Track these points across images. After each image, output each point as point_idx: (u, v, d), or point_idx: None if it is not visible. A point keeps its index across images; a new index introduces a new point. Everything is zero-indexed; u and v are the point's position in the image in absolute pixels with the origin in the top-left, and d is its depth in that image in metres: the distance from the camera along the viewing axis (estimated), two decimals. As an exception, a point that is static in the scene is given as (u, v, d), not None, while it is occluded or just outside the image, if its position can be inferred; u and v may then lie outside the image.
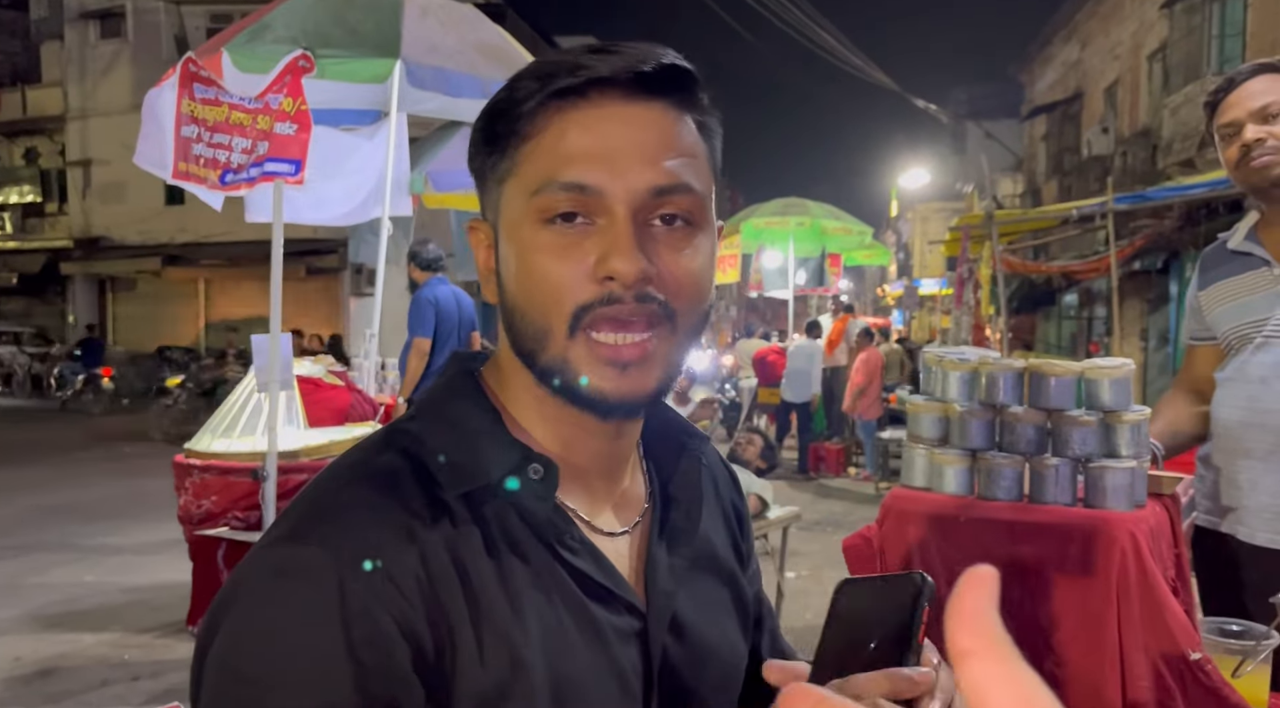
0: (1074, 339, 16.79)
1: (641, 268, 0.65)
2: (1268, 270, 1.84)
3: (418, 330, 5.23)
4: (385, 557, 0.61)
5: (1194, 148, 11.36)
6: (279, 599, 0.60)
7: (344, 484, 0.67)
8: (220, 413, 3.63)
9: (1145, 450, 1.39)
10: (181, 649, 4.18)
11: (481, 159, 0.72)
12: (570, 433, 0.73)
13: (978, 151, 21.83)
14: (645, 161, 0.66)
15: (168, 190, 18.63)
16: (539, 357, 0.68)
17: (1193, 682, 1.22)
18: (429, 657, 0.61)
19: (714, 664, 0.78)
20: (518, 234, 0.68)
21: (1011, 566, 1.37)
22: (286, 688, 0.57)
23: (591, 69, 0.66)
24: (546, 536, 0.69)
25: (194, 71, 3.76)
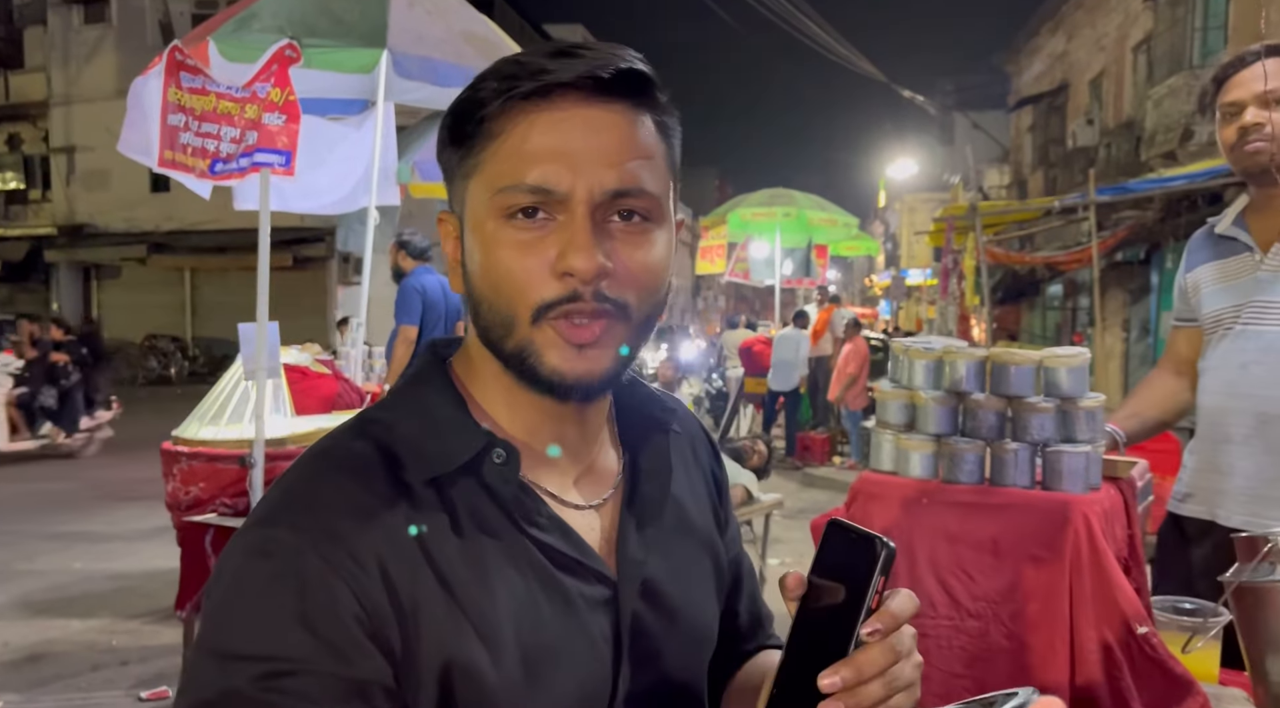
0: (1059, 330, 16.92)
1: (598, 264, 0.69)
2: (1250, 256, 1.86)
3: (404, 319, 5.26)
4: (348, 536, 0.66)
5: (1176, 140, 11.47)
6: (247, 576, 0.65)
7: (316, 471, 0.71)
8: (208, 400, 3.66)
9: (1100, 435, 1.45)
10: (169, 635, 4.22)
11: (448, 155, 0.76)
12: (535, 418, 0.77)
13: (965, 142, 21.93)
14: (605, 163, 0.70)
15: (153, 178, 18.51)
16: (505, 343, 0.73)
17: (1139, 654, 1.28)
18: (389, 628, 0.66)
19: (685, 627, 0.82)
20: (482, 228, 0.72)
21: (972, 545, 1.43)
22: (243, 656, 0.62)
23: (553, 73, 0.69)
24: (514, 514, 0.73)
25: (180, 60, 3.77)
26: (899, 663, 0.66)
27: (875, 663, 0.64)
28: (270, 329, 3.27)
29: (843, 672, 0.63)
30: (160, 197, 19.77)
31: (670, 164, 0.76)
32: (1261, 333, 1.81)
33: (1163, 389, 2.06)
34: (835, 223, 12.05)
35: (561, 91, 0.70)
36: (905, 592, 0.68)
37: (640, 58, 0.73)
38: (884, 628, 0.65)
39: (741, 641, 0.97)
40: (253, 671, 0.62)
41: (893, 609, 0.66)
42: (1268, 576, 1.39)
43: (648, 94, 0.73)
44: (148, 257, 20.51)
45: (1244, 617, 1.40)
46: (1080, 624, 1.31)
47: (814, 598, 0.69)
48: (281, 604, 0.63)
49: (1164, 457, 3.99)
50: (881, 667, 0.65)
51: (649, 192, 0.72)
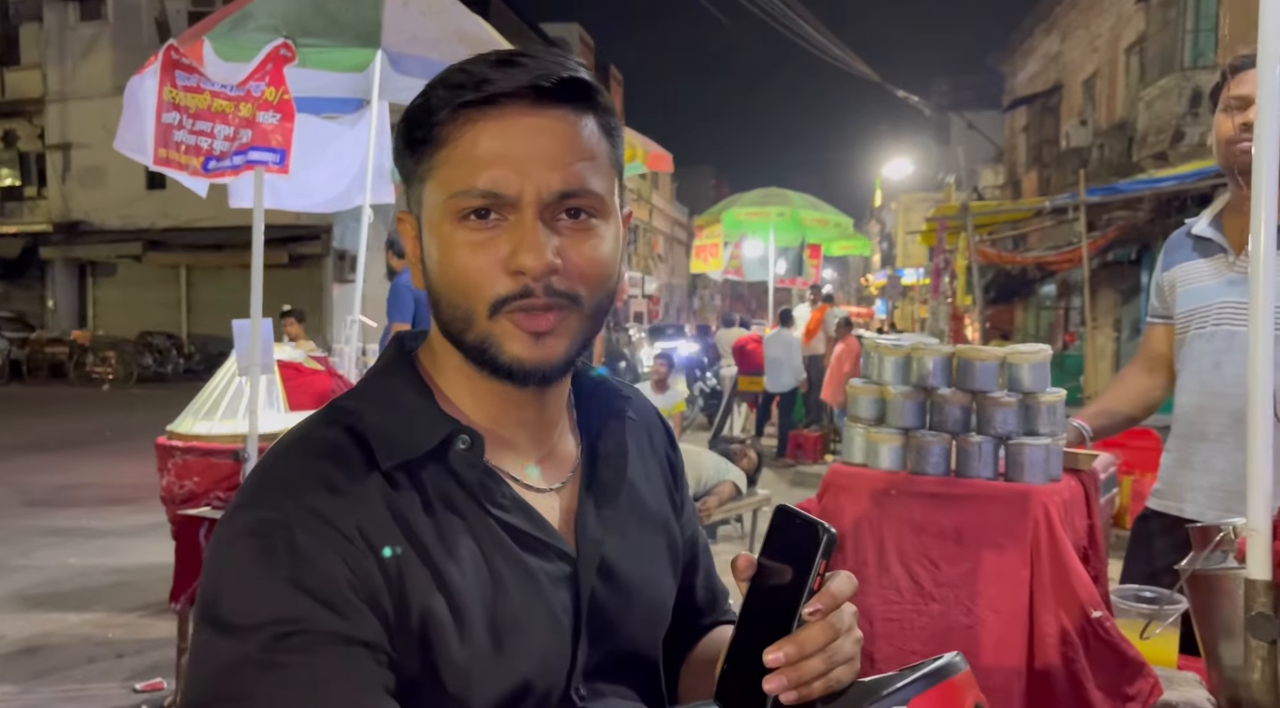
0: (1052, 329, 17.01)
1: (548, 262, 0.74)
2: (1224, 257, 1.90)
3: (396, 317, 5.30)
4: (331, 513, 0.71)
5: (1167, 141, 11.54)
6: (238, 555, 0.70)
7: (292, 457, 0.76)
8: (202, 396, 3.70)
9: (1060, 429, 1.51)
10: (164, 628, 4.26)
11: (404, 159, 0.80)
12: (496, 405, 0.82)
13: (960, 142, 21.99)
14: (550, 167, 0.74)
15: (149, 175, 18.50)
16: (465, 335, 0.77)
17: (1094, 638, 1.34)
18: (381, 594, 0.71)
19: (640, 603, 0.87)
20: (438, 229, 0.77)
21: (938, 534, 1.49)
22: (246, 625, 0.66)
23: (497, 83, 0.74)
24: (479, 496, 0.78)
25: (176, 59, 3.80)
26: (839, 639, 0.71)
27: (816, 640, 0.70)
28: (264, 326, 3.31)
29: (786, 648, 0.69)
30: (156, 194, 19.78)
31: (614, 162, 0.81)
32: (1233, 333, 1.86)
33: (1134, 386, 2.12)
34: (828, 223, 12.10)
35: (507, 100, 0.74)
36: (845, 574, 0.74)
37: (582, 63, 0.78)
38: (824, 608, 0.70)
39: (698, 615, 1.02)
40: (259, 637, 0.65)
41: (832, 590, 0.71)
42: (1220, 564, 1.44)
43: (588, 98, 0.78)
44: (143, 254, 20.52)
45: (1198, 603, 1.46)
46: (1038, 609, 1.36)
47: (762, 579, 0.74)
48: (277, 574, 0.68)
49: (1145, 454, 4.06)
50: (821, 643, 0.70)
51: (593, 191, 0.77)
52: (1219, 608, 1.42)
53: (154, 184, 19.50)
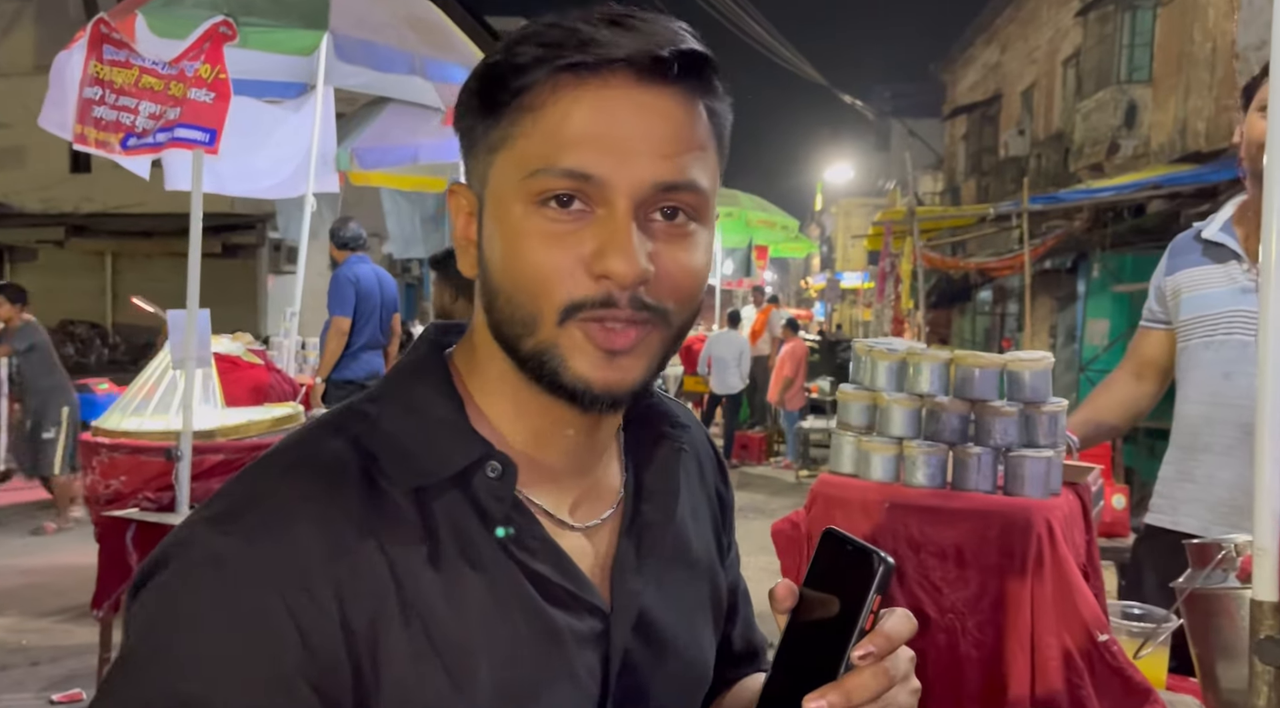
0: (988, 334, 17.35)
1: (641, 269, 0.62)
2: (1236, 264, 1.85)
3: (337, 310, 5.13)
4: (308, 565, 0.59)
5: (1103, 153, 11.83)
6: (191, 586, 0.59)
7: (286, 471, 0.64)
8: (131, 390, 3.49)
9: (1061, 441, 1.45)
10: (84, 635, 4.03)
11: (472, 121, 0.68)
12: (543, 426, 0.70)
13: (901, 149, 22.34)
14: (654, 154, 0.63)
15: (73, 157, 17.77)
16: (524, 342, 0.65)
17: (1099, 662, 1.28)
18: (340, 675, 0.59)
19: (678, 664, 0.76)
20: (507, 212, 0.64)
21: (934, 551, 1.42)
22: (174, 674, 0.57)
23: (605, 48, 0.62)
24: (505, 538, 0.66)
25: (105, 33, 3.60)
26: (892, 689, 0.62)
27: (866, 688, 0.60)
28: (201, 316, 3.13)
29: (830, 696, 0.59)
30: (80, 177, 19.00)
31: (721, 157, 0.69)
32: (1246, 343, 1.80)
33: (1121, 394, 2.06)
34: (775, 225, 12.16)
35: (612, 68, 0.62)
36: (902, 611, 0.64)
37: (697, 36, 0.65)
38: (878, 651, 0.61)
39: (733, 667, 0.91)
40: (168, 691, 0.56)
41: (887, 631, 0.61)
42: (1220, 583, 1.40)
43: (705, 79, 0.66)
44: (66, 239, 19.70)
45: (1196, 623, 1.41)
46: (1041, 632, 1.30)
47: (805, 612, 0.64)
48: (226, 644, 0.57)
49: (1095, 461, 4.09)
50: (873, 692, 0.60)
51: (700, 188, 0.65)
52: (1219, 629, 1.38)
53: (78, 167, 18.74)
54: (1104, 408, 2.02)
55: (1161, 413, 2.13)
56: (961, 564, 1.39)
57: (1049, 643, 1.29)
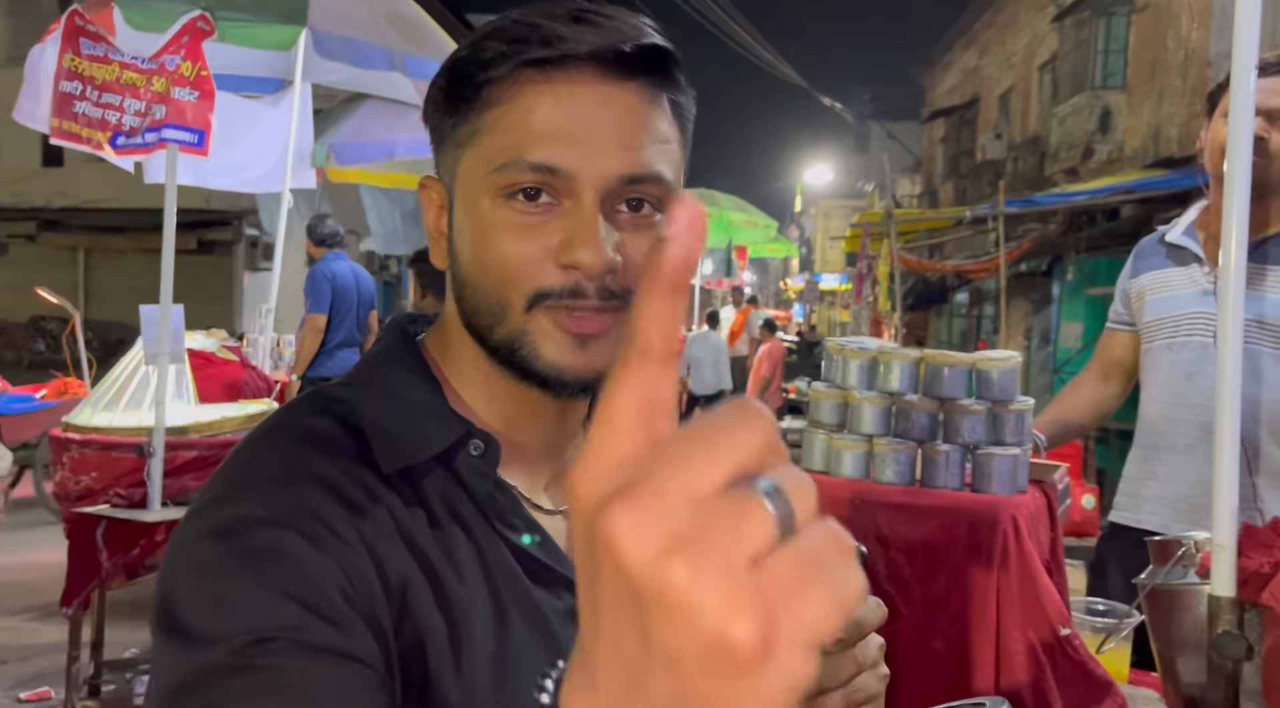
0: (964, 336, 17.50)
1: (607, 259, 0.63)
2: (1198, 267, 1.88)
3: (313, 307, 5.11)
4: (325, 511, 0.60)
5: (1078, 157, 11.97)
6: (207, 557, 0.58)
7: (278, 446, 0.65)
8: (103, 386, 3.46)
9: (1028, 439, 1.48)
10: (52, 633, 3.98)
11: (440, 117, 0.69)
12: (515, 410, 0.71)
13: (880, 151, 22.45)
14: (619, 146, 0.64)
15: (45, 151, 17.52)
16: (494, 331, 0.67)
17: (1062, 656, 1.30)
18: (379, 608, 0.60)
19: None
20: (476, 205, 0.66)
21: (903, 546, 1.44)
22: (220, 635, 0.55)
23: (569, 43, 0.63)
24: (489, 513, 0.67)
25: (80, 25, 3.57)
26: (862, 674, 0.64)
27: (834, 675, 0.62)
28: (175, 312, 3.11)
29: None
30: (53, 171, 18.75)
31: (685, 149, 0.71)
32: (1206, 344, 1.83)
33: (1088, 394, 2.10)
34: (755, 225, 12.20)
35: (576, 63, 0.64)
36: (873, 600, 0.65)
37: (660, 30, 0.67)
38: (847, 638, 0.62)
39: None
40: (231, 644, 0.54)
41: (857, 619, 0.63)
42: (1181, 579, 1.43)
43: (668, 72, 0.68)
44: (38, 234, 19.45)
45: (1157, 619, 1.44)
46: (1006, 626, 1.32)
47: None
48: (258, 579, 0.57)
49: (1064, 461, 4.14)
50: (841, 678, 0.62)
51: (664, 179, 0.66)
52: (1179, 624, 1.41)
53: (50, 160, 18.48)
54: (1071, 407, 2.05)
55: (1131, 414, 2.16)
56: (930, 560, 1.41)
57: (1014, 637, 1.31)
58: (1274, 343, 1.78)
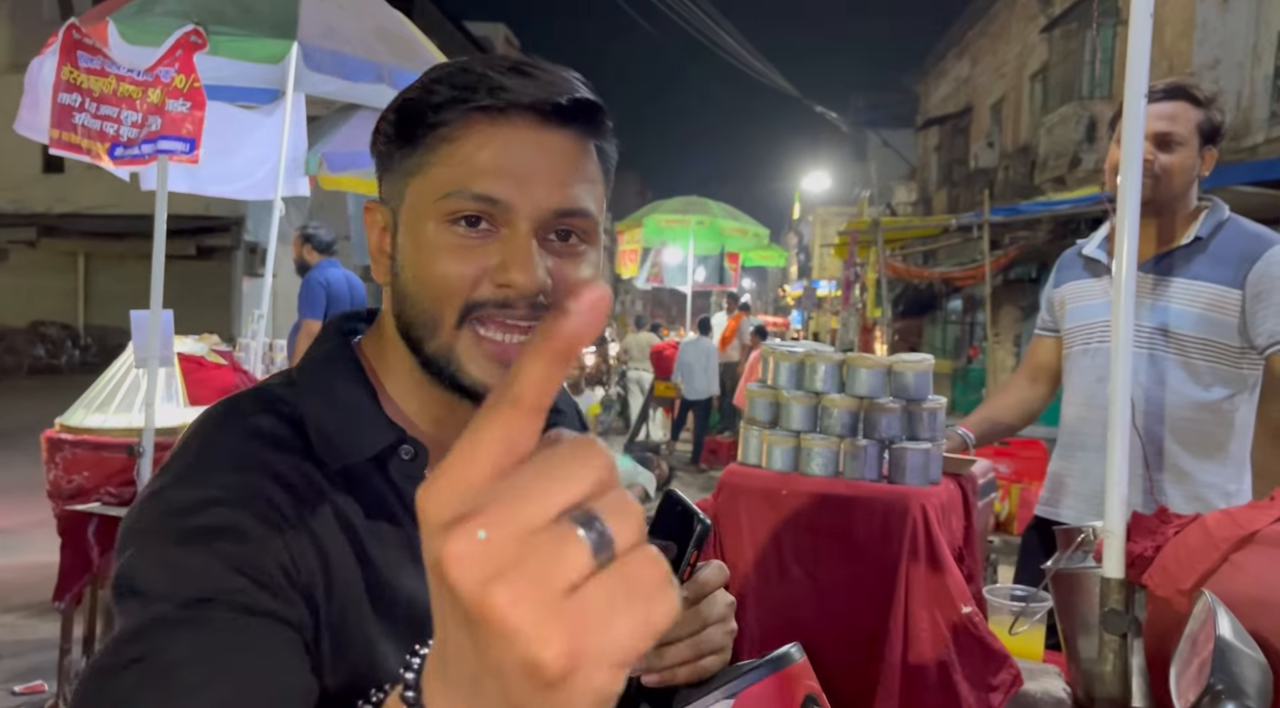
0: (958, 343, 17.60)
1: (539, 280, 0.71)
2: (1109, 278, 1.97)
3: (308, 313, 5.22)
4: (274, 496, 0.68)
5: (1066, 166, 12.10)
6: (164, 532, 0.65)
7: (230, 438, 0.71)
8: (95, 388, 3.57)
9: (940, 434, 1.59)
10: (46, 629, 4.09)
11: (389, 148, 0.76)
12: (443, 413, 0.78)
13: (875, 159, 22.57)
14: (553, 184, 0.72)
15: (45, 158, 17.64)
16: (426, 344, 0.74)
17: (963, 633, 1.42)
18: (315, 588, 0.68)
19: None
20: (421, 228, 0.73)
21: (825, 533, 1.56)
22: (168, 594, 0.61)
23: (512, 93, 0.71)
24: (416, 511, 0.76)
25: (78, 39, 3.68)
26: (708, 628, 0.72)
27: (679, 626, 0.71)
28: (164, 317, 3.22)
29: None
30: (53, 178, 18.87)
31: (607, 190, 0.80)
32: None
33: (1016, 396, 2.23)
34: (746, 233, 12.28)
35: (519, 111, 0.72)
36: (716, 563, 0.75)
37: (589, 85, 0.76)
38: (690, 596, 0.71)
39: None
40: (179, 598, 0.61)
41: (700, 578, 0.72)
42: (1081, 563, 1.55)
43: (596, 122, 0.76)
44: (38, 240, 19.56)
45: (1061, 600, 1.56)
46: (913, 604, 1.44)
47: None
48: (210, 552, 0.63)
49: (1033, 463, 4.25)
50: (685, 631, 0.71)
51: (590, 213, 0.75)
52: (1078, 605, 1.52)
53: (50, 167, 18.61)
54: (1000, 408, 2.17)
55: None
56: (850, 545, 1.52)
57: (920, 616, 1.43)
58: (1178, 350, 1.90)
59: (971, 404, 11.29)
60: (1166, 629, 1.25)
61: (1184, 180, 1.92)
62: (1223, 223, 1.95)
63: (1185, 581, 1.26)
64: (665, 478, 5.59)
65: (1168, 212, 1.93)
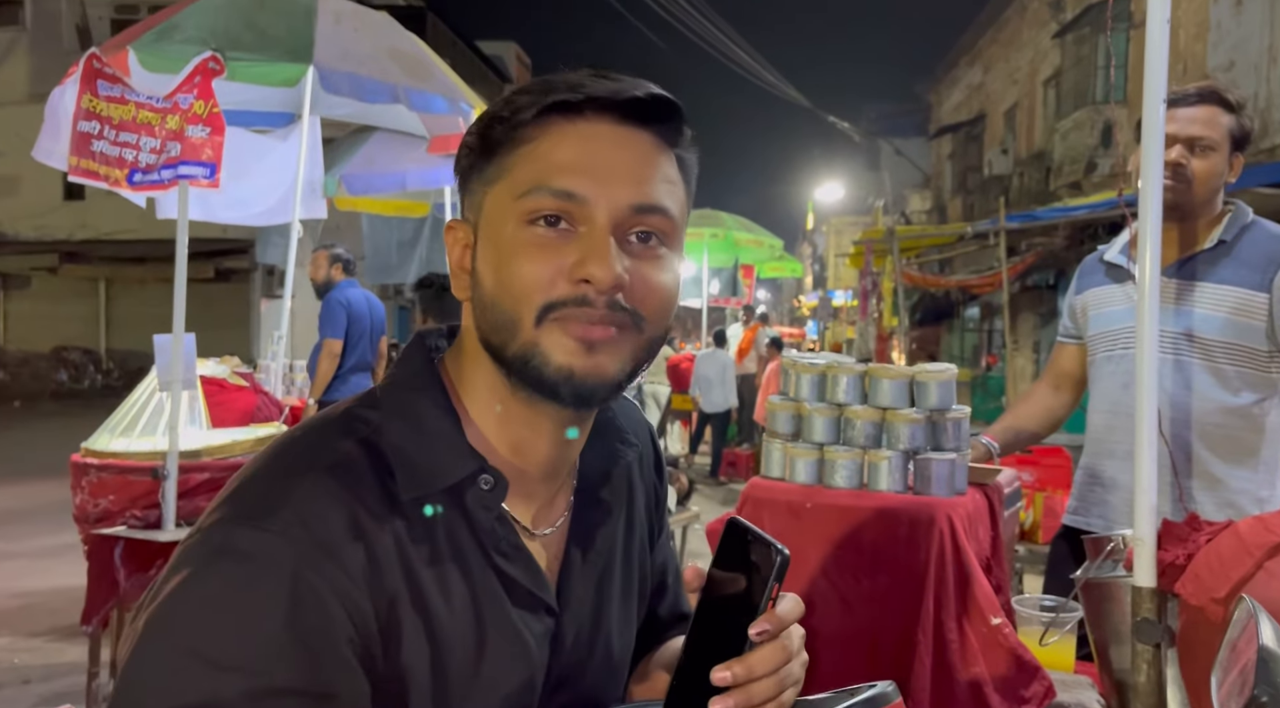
0: (976, 351, 17.51)
1: (617, 274, 0.69)
2: (1132, 284, 1.98)
3: (329, 332, 5.25)
4: (340, 551, 0.66)
5: (1081, 171, 12.04)
6: (229, 578, 0.63)
7: (304, 471, 0.69)
8: (120, 412, 3.61)
9: (965, 444, 1.58)
10: (74, 653, 4.12)
11: (471, 161, 0.76)
12: (523, 436, 0.77)
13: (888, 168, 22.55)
14: (630, 180, 0.72)
15: (66, 185, 17.89)
16: (509, 346, 0.72)
17: (993, 644, 1.40)
18: (374, 645, 0.67)
19: (606, 652, 0.85)
20: (500, 232, 0.73)
21: (850, 546, 1.55)
22: (232, 666, 0.60)
23: (590, 89, 0.72)
24: (486, 543, 0.74)
25: (98, 68, 3.74)
26: (790, 662, 0.70)
27: (767, 662, 0.68)
28: (186, 340, 3.25)
29: (735, 668, 0.67)
30: (74, 205, 19.13)
31: (688, 196, 0.78)
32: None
33: (1039, 404, 2.21)
34: (761, 244, 12.29)
35: (595, 108, 0.72)
36: (793, 596, 0.73)
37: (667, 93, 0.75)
38: (773, 629, 0.68)
39: (661, 633, 0.98)
40: (242, 685, 0.59)
41: (780, 612, 0.70)
42: (1111, 572, 1.53)
43: (674, 125, 0.76)
44: (60, 266, 19.81)
45: (1091, 610, 1.54)
46: (943, 616, 1.43)
47: (712, 593, 0.72)
48: (273, 616, 0.62)
49: (1057, 471, 4.22)
50: (773, 666, 0.69)
51: (669, 212, 0.74)
52: (1109, 614, 1.51)
53: (71, 194, 18.87)
54: (1024, 416, 2.15)
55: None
56: (876, 557, 1.51)
57: (950, 628, 1.42)
58: (1204, 355, 1.88)
59: (991, 412, 11.22)
60: (1201, 639, 1.24)
61: (1213, 186, 1.90)
62: (1247, 226, 1.93)
63: (1219, 589, 1.24)
64: (685, 491, 5.56)
65: (1192, 216, 1.91)
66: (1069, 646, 1.66)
